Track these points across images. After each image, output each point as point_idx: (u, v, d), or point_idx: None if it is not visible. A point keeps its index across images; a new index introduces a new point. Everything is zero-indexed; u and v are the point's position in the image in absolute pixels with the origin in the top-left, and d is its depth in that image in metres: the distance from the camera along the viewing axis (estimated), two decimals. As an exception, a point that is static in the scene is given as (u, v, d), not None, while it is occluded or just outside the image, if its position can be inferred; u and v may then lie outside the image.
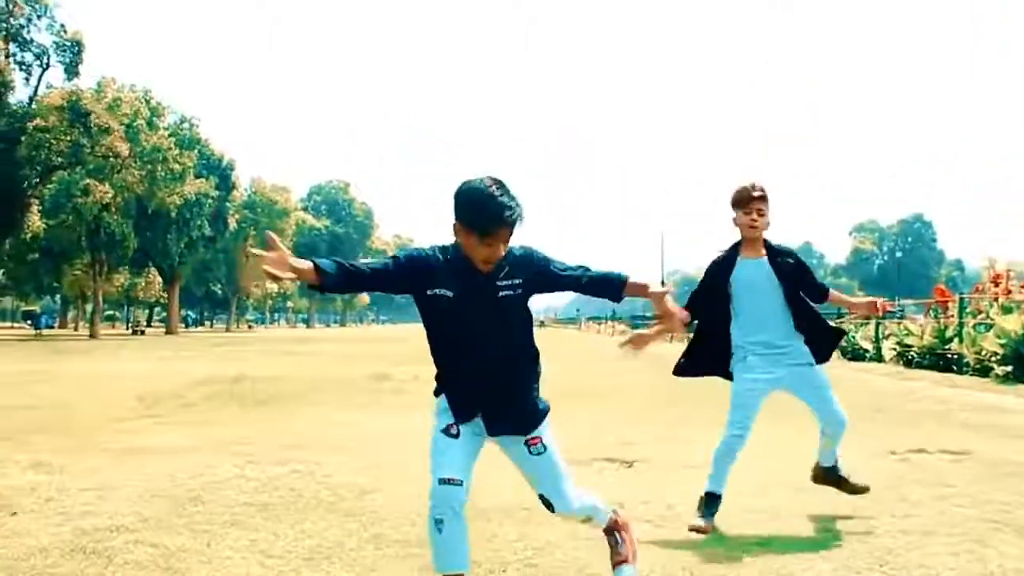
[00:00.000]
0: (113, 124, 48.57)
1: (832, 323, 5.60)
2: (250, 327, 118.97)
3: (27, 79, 50.24)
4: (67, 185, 52.94)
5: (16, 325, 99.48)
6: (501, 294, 3.46)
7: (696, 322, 5.44)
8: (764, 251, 5.23)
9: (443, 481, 3.32)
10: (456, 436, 3.46)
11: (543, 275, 3.58)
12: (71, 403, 12.43)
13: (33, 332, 66.73)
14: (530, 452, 3.58)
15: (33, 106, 49.63)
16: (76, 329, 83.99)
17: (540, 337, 3.71)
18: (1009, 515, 5.30)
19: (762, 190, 5.12)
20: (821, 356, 5.27)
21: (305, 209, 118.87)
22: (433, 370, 3.64)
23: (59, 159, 48.53)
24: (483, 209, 3.29)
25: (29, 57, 49.79)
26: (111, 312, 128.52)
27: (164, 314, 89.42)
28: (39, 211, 53.20)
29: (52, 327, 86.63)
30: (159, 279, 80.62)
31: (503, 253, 3.42)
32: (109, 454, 7.77)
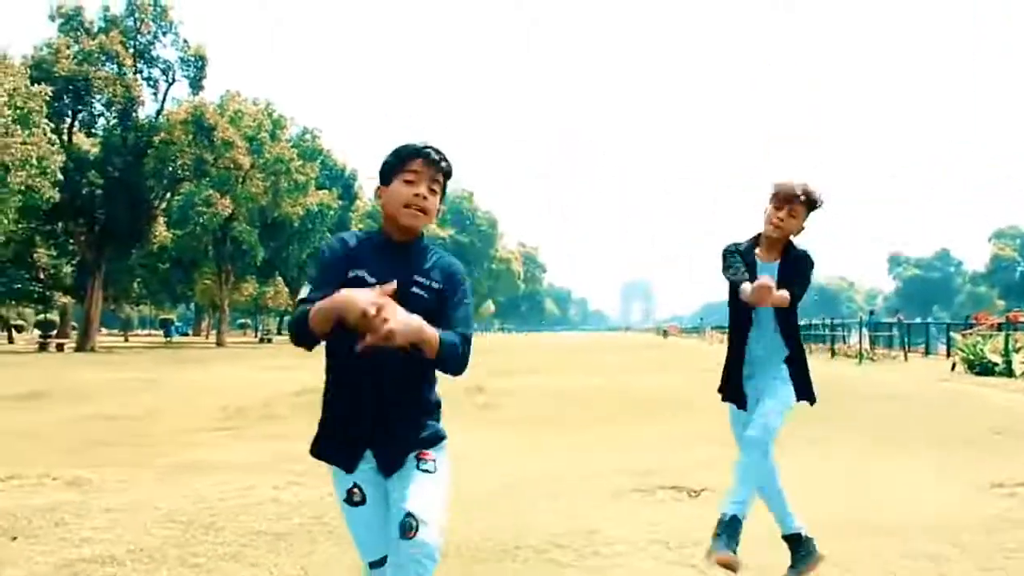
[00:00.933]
0: (236, 138, 49.23)
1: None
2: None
3: (154, 94, 51.38)
4: (191, 197, 54.06)
5: (152, 332, 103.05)
6: (413, 289, 2.90)
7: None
8: (780, 256, 4.48)
9: (371, 565, 2.97)
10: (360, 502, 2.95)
11: (445, 301, 2.97)
12: (158, 413, 13.21)
13: (164, 340, 68.68)
14: (419, 466, 2.95)
15: (160, 120, 50.72)
16: (207, 337, 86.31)
17: (660, 348, 2.71)
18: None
19: (807, 194, 4.37)
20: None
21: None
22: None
23: (184, 172, 49.46)
24: (402, 147, 3.03)
25: (156, 73, 50.82)
26: (244, 320, 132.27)
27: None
28: (165, 222, 54.38)
29: (186, 334, 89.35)
30: (286, 288, 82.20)
31: (430, 205, 2.96)
32: (157, 470, 7.91)
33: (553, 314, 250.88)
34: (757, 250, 4.52)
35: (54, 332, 69.11)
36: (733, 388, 4.61)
